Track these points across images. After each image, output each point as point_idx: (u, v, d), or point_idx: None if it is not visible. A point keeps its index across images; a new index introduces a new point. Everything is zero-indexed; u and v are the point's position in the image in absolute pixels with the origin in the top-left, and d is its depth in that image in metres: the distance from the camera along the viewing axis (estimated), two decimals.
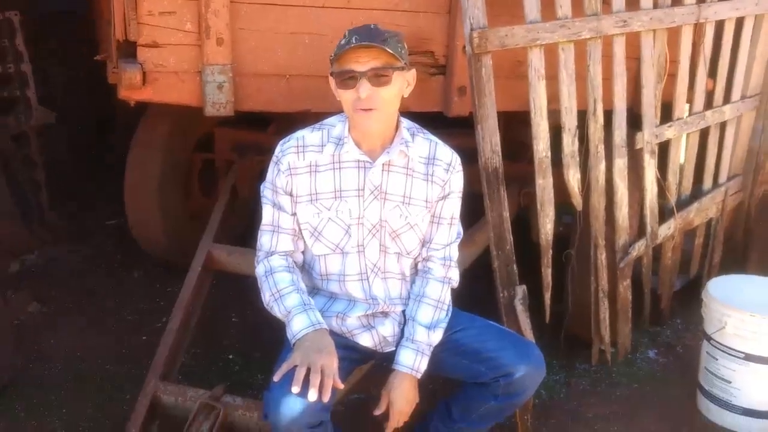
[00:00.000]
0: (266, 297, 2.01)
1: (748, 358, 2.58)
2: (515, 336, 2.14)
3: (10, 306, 3.13)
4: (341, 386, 1.86)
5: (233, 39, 2.42)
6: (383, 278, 2.07)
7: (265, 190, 2.05)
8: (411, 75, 1.97)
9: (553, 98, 2.48)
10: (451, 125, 2.95)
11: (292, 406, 1.80)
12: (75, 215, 4.24)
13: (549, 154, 2.46)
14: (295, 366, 1.84)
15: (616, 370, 2.99)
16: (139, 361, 2.88)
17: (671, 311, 3.39)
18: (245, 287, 3.38)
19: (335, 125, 2.02)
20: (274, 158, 2.02)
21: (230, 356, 2.99)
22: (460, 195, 2.10)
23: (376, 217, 2.01)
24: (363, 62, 1.85)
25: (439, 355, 2.08)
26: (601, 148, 2.68)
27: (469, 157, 2.98)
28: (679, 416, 2.74)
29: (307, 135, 2.01)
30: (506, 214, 2.33)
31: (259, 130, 3.61)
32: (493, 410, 2.07)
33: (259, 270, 2.04)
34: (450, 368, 2.11)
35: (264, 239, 2.05)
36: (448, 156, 2.05)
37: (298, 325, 1.92)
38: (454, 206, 2.09)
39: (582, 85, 2.58)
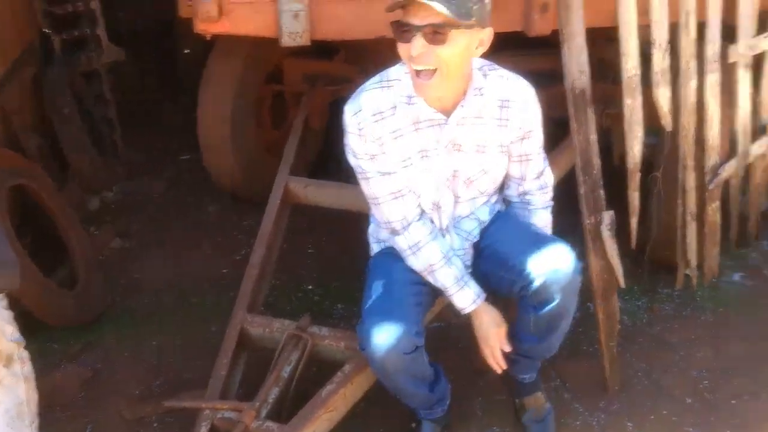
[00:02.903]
0: (418, 268, 2.00)
1: None
2: (543, 238, 2.02)
3: (95, 242, 3.22)
4: (508, 349, 2.04)
5: None
6: (456, 225, 2.06)
7: (361, 163, 1.93)
8: (486, 34, 1.78)
9: (641, 12, 2.33)
10: (524, 45, 2.84)
11: (387, 335, 1.83)
12: (148, 151, 4.30)
13: (639, 72, 2.33)
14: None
15: (701, 295, 2.91)
16: (221, 293, 2.96)
17: (758, 233, 3.25)
18: (319, 218, 3.41)
19: (401, 79, 1.87)
20: (353, 130, 1.89)
21: (309, 287, 3.03)
22: (541, 126, 2.01)
23: (450, 170, 1.96)
24: (420, 16, 1.68)
25: (484, 269, 2.07)
26: (693, 63, 2.53)
27: (548, 79, 2.89)
28: None
29: (377, 98, 1.87)
30: (594, 137, 2.23)
31: (328, 59, 3.57)
32: (542, 323, 1.99)
33: (401, 244, 2.00)
34: (491, 283, 2.07)
35: (388, 212, 1.96)
36: (522, 93, 1.93)
37: (461, 302, 2.00)
38: (538, 140, 2.01)
39: None
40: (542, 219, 2.10)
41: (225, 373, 2.14)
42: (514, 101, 1.92)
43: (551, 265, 1.91)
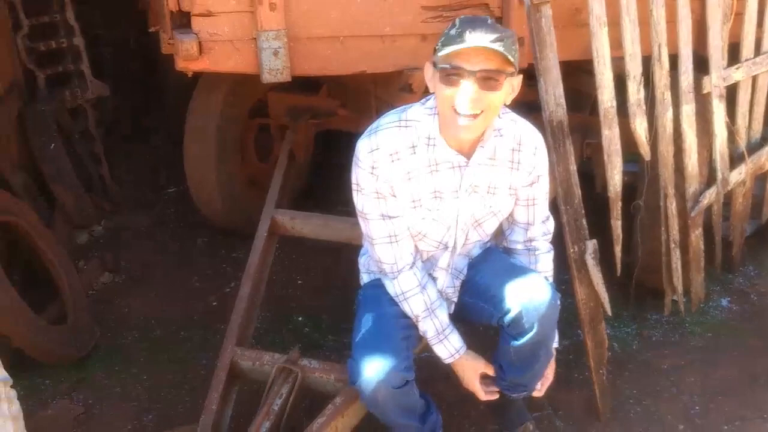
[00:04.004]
0: (405, 312, 2.03)
1: None
2: (521, 270, 2.05)
3: (83, 277, 3.21)
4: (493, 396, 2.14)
5: (285, 3, 2.39)
6: (455, 268, 2.10)
7: (365, 201, 1.92)
8: (517, 81, 1.81)
9: (615, 45, 2.40)
10: None
11: (377, 370, 1.85)
12: (134, 185, 4.32)
13: (614, 103, 2.39)
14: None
15: (689, 320, 2.95)
16: (210, 326, 2.96)
17: (742, 258, 3.31)
18: (307, 249, 3.43)
19: (420, 120, 1.87)
20: (365, 167, 1.88)
21: (299, 318, 3.04)
22: (548, 172, 2.04)
23: (469, 213, 1.99)
24: (474, 62, 1.68)
25: (465, 300, 2.12)
26: (668, 94, 2.59)
27: (527, 109, 2.94)
28: (758, 365, 2.70)
29: (395, 137, 1.86)
30: (573, 167, 2.28)
31: (312, 93, 3.61)
32: (522, 353, 2.00)
33: (390, 289, 2.02)
34: (472, 313, 2.11)
35: (381, 253, 1.97)
36: (533, 139, 1.96)
37: (441, 353, 2.06)
38: (545, 185, 2.04)
39: (645, 30, 2.49)
40: (546, 264, 2.11)
41: (216, 407, 2.15)
42: (525, 145, 1.94)
43: (527, 295, 1.93)
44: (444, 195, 1.93)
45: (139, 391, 2.62)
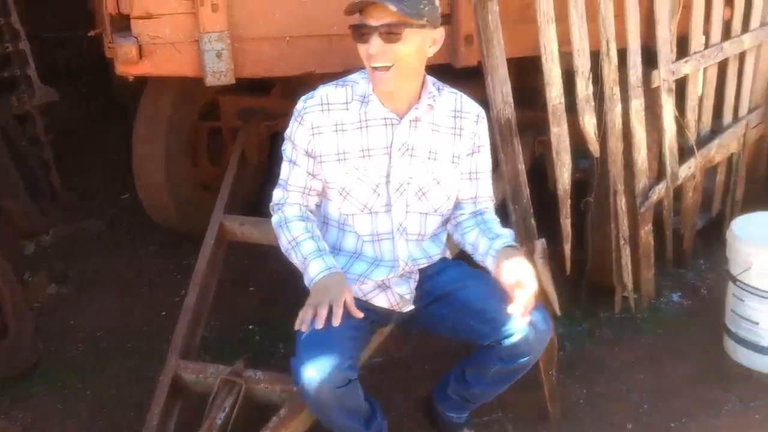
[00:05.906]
0: (283, 245, 2.03)
1: None
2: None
3: (29, 289, 3.12)
4: (359, 314, 1.87)
5: (228, 4, 2.36)
6: (406, 239, 2.05)
7: (285, 144, 2.04)
8: (438, 33, 1.92)
9: (564, 40, 2.38)
10: (457, 77, 2.86)
11: (319, 368, 1.80)
12: (87, 191, 4.22)
13: (563, 100, 2.37)
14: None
15: (640, 317, 2.94)
16: (159, 337, 2.88)
17: (693, 252, 3.32)
18: (260, 256, 3.37)
19: (358, 81, 1.99)
20: (295, 114, 1.99)
21: (250, 326, 2.98)
22: (489, 147, 2.10)
23: (404, 176, 1.99)
24: (376, 17, 1.82)
25: (444, 313, 2.07)
26: (617, 89, 2.58)
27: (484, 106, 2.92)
28: (707, 360, 2.71)
29: (331, 92, 1.98)
30: (521, 166, 2.26)
31: (263, 94, 3.55)
32: (504, 372, 2.04)
33: (274, 221, 2.06)
34: (456, 328, 2.07)
35: (276, 192, 2.08)
36: (474, 108, 2.05)
37: (314, 270, 1.94)
38: (488, 159, 2.10)
39: (593, 24, 2.47)
40: (497, 226, 2.08)
41: (157, 422, 2.08)
42: (467, 112, 2.04)
43: (534, 323, 1.93)
44: (373, 153, 1.96)
45: (82, 408, 2.53)
